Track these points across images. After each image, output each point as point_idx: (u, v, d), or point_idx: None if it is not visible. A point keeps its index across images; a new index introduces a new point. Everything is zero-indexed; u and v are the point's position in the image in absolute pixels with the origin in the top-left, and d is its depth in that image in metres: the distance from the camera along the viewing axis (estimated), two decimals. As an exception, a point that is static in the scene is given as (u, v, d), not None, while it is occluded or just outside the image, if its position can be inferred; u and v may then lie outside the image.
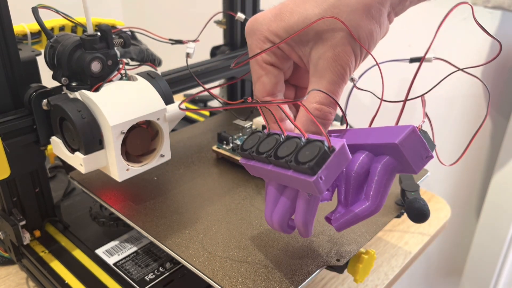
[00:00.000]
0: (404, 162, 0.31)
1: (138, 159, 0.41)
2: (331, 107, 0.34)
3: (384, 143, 0.31)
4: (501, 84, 0.92)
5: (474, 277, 1.07)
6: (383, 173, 0.31)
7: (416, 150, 0.30)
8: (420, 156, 0.31)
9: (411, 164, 0.31)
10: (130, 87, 0.40)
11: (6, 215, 0.45)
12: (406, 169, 0.31)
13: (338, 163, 0.29)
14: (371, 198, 0.32)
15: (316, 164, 0.28)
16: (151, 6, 1.23)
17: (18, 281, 0.48)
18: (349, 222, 0.32)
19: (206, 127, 0.59)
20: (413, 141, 0.30)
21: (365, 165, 0.32)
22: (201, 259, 0.37)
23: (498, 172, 0.95)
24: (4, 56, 0.38)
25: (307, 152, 0.29)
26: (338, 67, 0.32)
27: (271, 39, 0.34)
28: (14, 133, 0.39)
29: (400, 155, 0.30)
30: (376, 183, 0.31)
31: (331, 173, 0.29)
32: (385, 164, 0.31)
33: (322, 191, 0.29)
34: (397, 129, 0.31)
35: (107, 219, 0.48)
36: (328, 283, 0.49)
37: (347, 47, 0.32)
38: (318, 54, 0.33)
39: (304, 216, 0.32)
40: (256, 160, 0.34)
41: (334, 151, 0.28)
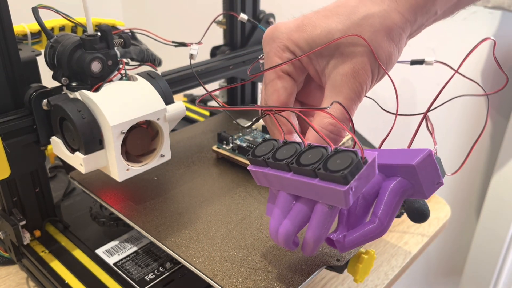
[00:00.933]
0: (416, 186, 0.30)
1: (138, 159, 0.41)
2: (345, 123, 0.33)
3: (400, 164, 0.30)
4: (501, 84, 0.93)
5: (474, 277, 1.07)
6: (395, 194, 0.31)
7: (430, 175, 0.30)
8: (432, 181, 0.30)
9: (424, 188, 0.30)
10: (130, 87, 0.40)
11: (6, 215, 0.45)
12: (416, 193, 0.31)
13: (367, 176, 0.28)
14: (380, 218, 0.30)
15: (350, 173, 0.27)
16: (151, 6, 1.23)
17: (18, 281, 0.48)
18: (354, 243, 0.31)
19: (206, 127, 0.59)
20: (428, 165, 0.30)
21: (376, 185, 0.31)
22: (201, 259, 0.37)
23: (498, 172, 0.95)
24: (4, 56, 0.38)
25: (338, 161, 0.28)
26: (356, 84, 0.33)
27: (291, 49, 0.34)
28: (14, 133, 0.39)
29: (414, 177, 0.30)
30: (386, 203, 0.30)
31: (360, 185, 0.28)
32: (398, 185, 0.31)
33: (350, 203, 0.28)
34: (413, 152, 0.30)
35: (107, 219, 0.48)
36: (328, 283, 0.49)
37: (366, 66, 0.32)
38: (336, 70, 0.33)
39: (319, 230, 0.30)
40: (271, 167, 0.33)
41: (367, 163, 0.28)
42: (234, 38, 0.63)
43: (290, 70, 0.35)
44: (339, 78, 0.33)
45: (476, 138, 0.34)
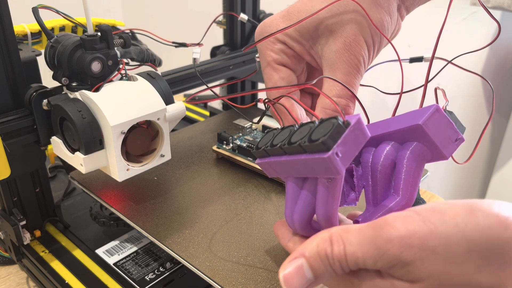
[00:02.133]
0: (432, 147, 0.28)
1: (138, 159, 0.41)
2: (348, 99, 0.32)
3: (408, 127, 0.28)
4: (501, 84, 0.93)
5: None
6: (411, 161, 0.29)
7: (444, 132, 0.28)
8: (449, 139, 0.28)
9: (440, 147, 0.28)
10: (130, 87, 0.40)
11: (7, 215, 0.45)
12: (435, 155, 0.29)
13: (355, 140, 0.27)
14: (402, 191, 0.29)
15: (330, 138, 0.26)
16: (151, 6, 1.23)
17: (18, 281, 0.48)
18: None
19: (206, 127, 0.59)
20: (438, 121, 0.28)
21: (391, 155, 0.30)
22: (201, 259, 0.37)
23: (497, 172, 0.95)
24: (5, 56, 0.38)
25: (321, 130, 0.27)
26: (351, 57, 0.32)
27: (281, 39, 0.34)
28: (15, 133, 0.39)
29: (426, 138, 0.28)
30: (405, 173, 0.29)
31: (349, 150, 0.27)
32: (413, 150, 0.29)
33: (339, 169, 0.26)
34: (419, 112, 0.29)
35: (107, 219, 0.48)
36: (328, 283, 0.49)
37: (358, 37, 0.32)
38: (329, 48, 0.33)
39: (325, 207, 0.29)
40: (271, 156, 0.32)
41: (350, 125, 0.26)
42: (234, 38, 0.63)
43: (285, 60, 0.35)
44: (333, 55, 0.32)
45: (483, 128, 0.33)
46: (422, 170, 0.30)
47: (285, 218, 0.32)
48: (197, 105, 0.80)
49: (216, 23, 0.65)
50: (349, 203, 0.32)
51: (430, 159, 0.29)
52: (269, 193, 0.46)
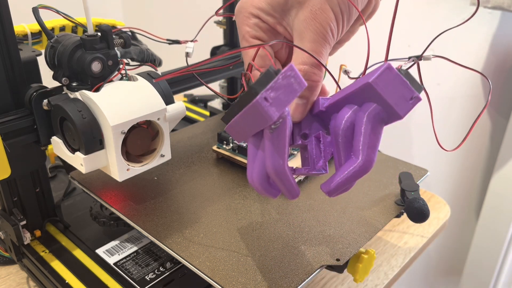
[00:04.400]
0: (385, 106, 0.28)
1: (138, 159, 0.41)
2: (315, 67, 0.33)
3: (360, 87, 0.29)
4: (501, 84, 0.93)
5: (473, 277, 1.07)
6: (367, 121, 0.29)
7: (397, 90, 0.28)
8: (403, 98, 0.28)
9: (392, 105, 0.28)
10: (130, 87, 0.40)
11: (7, 215, 0.45)
12: (391, 114, 0.29)
13: (288, 87, 0.27)
14: (360, 152, 0.29)
15: (258, 83, 0.26)
16: (151, 6, 1.23)
17: (18, 280, 0.48)
18: (339, 184, 0.30)
19: (206, 127, 0.59)
20: (391, 79, 0.28)
21: (350, 118, 0.30)
22: (201, 258, 0.37)
23: (497, 172, 0.95)
24: (5, 56, 0.38)
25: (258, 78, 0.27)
26: (317, 25, 0.32)
27: (255, 13, 0.35)
28: (15, 133, 0.39)
29: (379, 97, 0.28)
30: (362, 134, 0.29)
31: (282, 97, 0.27)
32: (368, 112, 0.29)
33: (271, 114, 0.26)
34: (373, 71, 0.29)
35: (107, 219, 0.48)
36: (328, 283, 0.49)
37: (324, 5, 0.32)
38: (298, 18, 0.33)
39: (271, 159, 0.29)
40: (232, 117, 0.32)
41: (280, 71, 0.27)
42: (234, 38, 0.63)
43: (260, 34, 0.36)
44: (301, 24, 0.33)
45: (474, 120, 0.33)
46: (380, 130, 0.29)
47: (248, 177, 0.32)
48: (197, 105, 0.80)
49: (216, 23, 0.65)
50: (318, 170, 0.32)
51: (387, 119, 0.29)
52: (269, 193, 0.46)
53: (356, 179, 0.30)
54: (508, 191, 0.94)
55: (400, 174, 0.47)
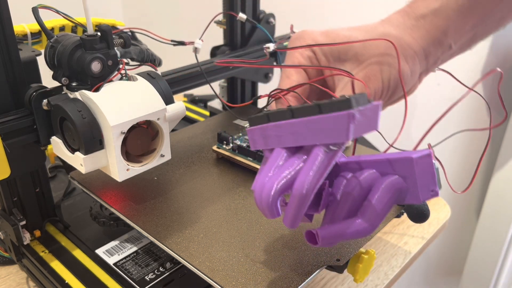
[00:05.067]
0: (411, 185, 0.29)
1: (138, 159, 0.41)
2: None
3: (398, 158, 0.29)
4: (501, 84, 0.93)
5: (474, 277, 1.07)
6: (387, 191, 0.29)
7: (426, 178, 0.29)
8: (427, 187, 0.29)
9: (418, 189, 0.29)
10: (130, 87, 0.40)
11: (7, 215, 0.45)
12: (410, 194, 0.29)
13: (369, 119, 0.27)
14: (367, 214, 0.29)
15: (355, 98, 0.26)
16: (151, 6, 1.23)
17: (18, 281, 0.48)
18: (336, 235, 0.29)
19: (206, 127, 0.59)
20: (426, 166, 0.29)
21: (370, 180, 0.30)
22: (201, 259, 0.37)
23: (498, 172, 0.95)
24: (5, 56, 0.38)
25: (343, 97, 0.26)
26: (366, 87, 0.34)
27: (313, 49, 0.37)
28: (15, 133, 0.39)
29: (411, 175, 0.29)
30: (376, 199, 0.29)
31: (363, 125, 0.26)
32: (392, 181, 0.29)
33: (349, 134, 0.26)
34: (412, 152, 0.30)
35: (107, 219, 0.48)
36: (328, 283, 0.49)
37: (378, 74, 0.34)
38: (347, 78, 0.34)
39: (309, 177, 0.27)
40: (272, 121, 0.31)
41: (372, 102, 0.27)
42: (234, 38, 0.63)
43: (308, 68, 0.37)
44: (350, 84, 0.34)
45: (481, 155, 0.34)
46: (392, 204, 0.30)
47: (255, 185, 0.30)
48: (197, 105, 0.80)
49: (216, 23, 0.65)
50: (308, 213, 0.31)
51: (404, 197, 0.30)
52: (269, 193, 0.46)
53: (353, 237, 0.30)
54: (508, 191, 0.94)
55: None
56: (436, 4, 0.35)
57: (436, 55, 0.36)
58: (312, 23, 0.92)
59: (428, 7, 0.35)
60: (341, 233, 0.29)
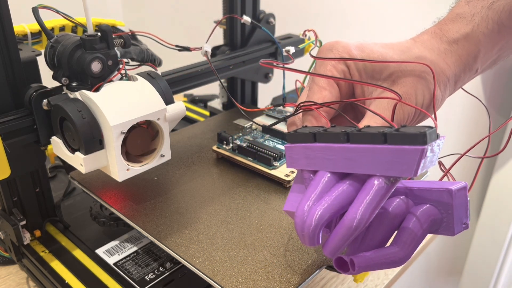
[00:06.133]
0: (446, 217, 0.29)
1: (138, 159, 0.41)
2: None
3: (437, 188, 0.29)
4: (501, 84, 0.93)
5: (474, 277, 1.07)
6: (424, 220, 0.29)
7: (461, 210, 0.29)
8: (460, 219, 0.29)
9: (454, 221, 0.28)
10: (130, 87, 0.40)
11: (7, 215, 0.45)
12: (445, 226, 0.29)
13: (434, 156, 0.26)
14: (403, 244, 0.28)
15: (430, 134, 0.25)
16: (151, 6, 1.23)
17: (18, 280, 0.48)
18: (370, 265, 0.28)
19: (206, 127, 0.59)
20: (462, 197, 0.29)
21: (402, 207, 0.29)
22: (201, 259, 0.37)
23: (498, 172, 0.95)
24: (5, 56, 0.38)
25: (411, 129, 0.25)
26: (400, 110, 0.33)
27: (347, 63, 0.35)
28: (15, 133, 0.39)
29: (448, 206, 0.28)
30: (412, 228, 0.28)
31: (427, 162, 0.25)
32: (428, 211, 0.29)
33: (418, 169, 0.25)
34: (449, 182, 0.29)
35: (107, 219, 0.48)
36: (328, 283, 0.49)
37: (412, 97, 0.33)
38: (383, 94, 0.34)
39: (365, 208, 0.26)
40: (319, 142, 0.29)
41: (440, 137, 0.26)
42: (234, 38, 0.63)
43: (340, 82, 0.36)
44: (386, 101, 0.33)
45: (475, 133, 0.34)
46: (426, 234, 0.29)
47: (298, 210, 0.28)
48: (197, 105, 0.79)
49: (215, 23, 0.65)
50: None
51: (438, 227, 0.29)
52: (269, 193, 0.46)
53: (388, 267, 0.29)
54: (509, 191, 0.94)
55: None
56: (468, 29, 0.35)
57: (464, 80, 0.36)
58: (312, 23, 0.92)
59: (459, 31, 0.35)
60: (377, 262, 0.28)
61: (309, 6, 0.95)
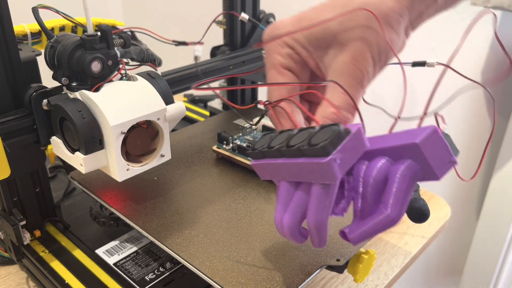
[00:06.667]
0: (426, 166, 0.29)
1: (138, 159, 0.41)
2: (349, 112, 0.33)
3: (404, 144, 0.29)
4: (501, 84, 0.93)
5: (474, 277, 1.07)
6: (404, 178, 0.29)
7: (438, 153, 0.28)
8: (442, 161, 0.29)
9: (433, 168, 0.29)
10: (130, 87, 0.40)
11: (7, 215, 0.45)
12: (428, 174, 0.29)
13: (354, 148, 0.27)
14: (391, 206, 0.29)
15: (330, 144, 0.26)
16: (151, 6, 1.23)
17: (18, 281, 0.48)
18: (366, 234, 0.30)
19: (206, 127, 0.59)
20: (434, 142, 0.28)
21: (384, 171, 0.30)
22: (201, 259, 0.37)
23: (498, 172, 0.95)
24: (5, 56, 0.38)
25: (321, 135, 0.28)
26: (356, 70, 0.32)
27: (290, 44, 0.34)
28: (15, 133, 0.39)
29: (421, 157, 0.28)
30: (396, 189, 0.29)
31: (347, 158, 0.27)
32: (406, 167, 0.29)
33: (337, 175, 0.27)
34: (417, 131, 0.29)
35: (107, 219, 0.48)
36: (328, 283, 0.49)
37: (365, 52, 0.32)
38: (336, 59, 0.33)
39: (316, 214, 0.29)
40: (267, 158, 0.32)
41: (350, 133, 0.27)
42: (234, 38, 0.63)
43: (291, 65, 0.35)
44: (339, 67, 0.33)
45: (487, 141, 0.33)
46: (413, 188, 0.30)
47: (275, 221, 0.33)
48: (197, 105, 0.79)
49: (216, 23, 0.65)
50: (337, 213, 0.32)
51: (422, 178, 0.30)
52: (269, 193, 0.46)
53: (383, 230, 0.30)
54: (509, 191, 0.94)
55: None
56: None
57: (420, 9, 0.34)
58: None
59: None
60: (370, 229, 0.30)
61: (309, 6, 0.94)
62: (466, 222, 1.08)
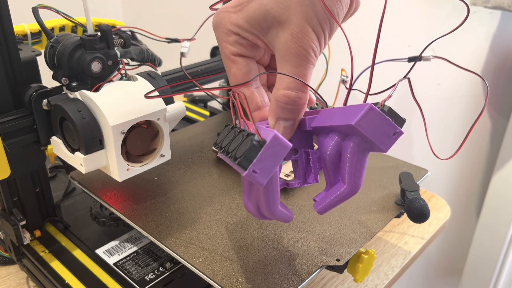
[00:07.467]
0: (369, 143, 0.30)
1: (138, 159, 0.41)
2: (300, 91, 0.33)
3: (342, 125, 0.30)
4: (501, 84, 0.93)
5: (474, 277, 1.07)
6: (353, 154, 0.30)
7: (379, 128, 0.29)
8: (386, 134, 0.29)
9: (376, 143, 0.29)
10: (130, 87, 0.40)
11: (7, 215, 0.45)
12: (375, 147, 0.30)
13: (274, 154, 0.28)
14: (346, 180, 0.31)
15: (245, 159, 0.28)
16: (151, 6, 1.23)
17: (18, 281, 0.48)
18: (329, 206, 0.32)
19: (206, 127, 0.59)
20: (373, 119, 0.29)
21: (336, 147, 0.31)
22: (201, 259, 0.37)
23: (498, 172, 0.95)
24: (5, 56, 0.38)
25: (242, 147, 0.29)
26: (299, 48, 0.32)
27: (234, 31, 0.34)
28: (15, 133, 0.39)
29: (362, 136, 0.29)
30: (348, 164, 0.31)
31: (268, 164, 0.28)
32: (354, 144, 0.30)
33: (261, 183, 0.28)
34: (355, 108, 0.29)
35: (107, 219, 0.48)
36: (328, 283, 0.49)
37: (305, 27, 0.31)
38: (278, 39, 0.33)
39: (266, 207, 0.32)
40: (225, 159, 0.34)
41: (265, 144, 0.28)
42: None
43: (241, 51, 0.35)
44: (282, 47, 0.32)
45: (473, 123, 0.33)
46: (365, 159, 0.31)
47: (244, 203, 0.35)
48: (197, 105, 0.79)
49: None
50: (310, 182, 0.34)
51: (371, 150, 0.31)
52: (269, 193, 0.46)
53: (344, 201, 0.32)
54: (508, 191, 0.94)
55: (400, 174, 0.47)
56: None
57: None
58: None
59: None
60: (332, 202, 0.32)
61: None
62: (466, 222, 1.08)
